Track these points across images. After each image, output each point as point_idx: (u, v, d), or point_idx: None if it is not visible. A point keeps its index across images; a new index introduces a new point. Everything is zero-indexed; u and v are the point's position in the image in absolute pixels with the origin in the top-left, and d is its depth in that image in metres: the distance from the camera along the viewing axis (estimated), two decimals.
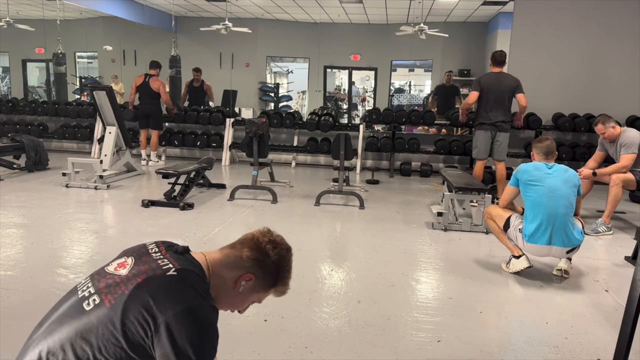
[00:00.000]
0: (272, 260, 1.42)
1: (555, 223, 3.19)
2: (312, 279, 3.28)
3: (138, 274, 1.27)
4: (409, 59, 14.22)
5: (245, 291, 1.42)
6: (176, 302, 1.20)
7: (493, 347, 2.45)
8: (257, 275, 1.41)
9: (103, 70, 13.73)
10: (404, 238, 4.29)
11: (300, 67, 15.36)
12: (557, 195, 3.21)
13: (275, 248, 1.43)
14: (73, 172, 5.92)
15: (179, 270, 1.28)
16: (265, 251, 1.41)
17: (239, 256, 1.41)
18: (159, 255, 1.35)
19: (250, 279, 1.40)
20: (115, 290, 1.23)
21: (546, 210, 3.20)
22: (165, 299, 1.21)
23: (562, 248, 3.24)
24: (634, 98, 7.22)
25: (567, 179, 3.28)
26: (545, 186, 3.25)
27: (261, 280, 1.43)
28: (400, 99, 14.58)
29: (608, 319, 2.80)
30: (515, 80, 5.53)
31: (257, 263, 1.40)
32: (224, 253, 1.44)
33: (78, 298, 1.27)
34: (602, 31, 7.30)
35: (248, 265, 1.40)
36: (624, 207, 5.49)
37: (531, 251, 3.34)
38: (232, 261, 1.41)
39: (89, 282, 1.32)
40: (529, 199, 3.29)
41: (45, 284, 3.07)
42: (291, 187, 6.29)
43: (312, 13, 12.35)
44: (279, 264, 1.44)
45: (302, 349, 2.36)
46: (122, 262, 1.34)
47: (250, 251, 1.41)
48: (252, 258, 1.40)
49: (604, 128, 4.70)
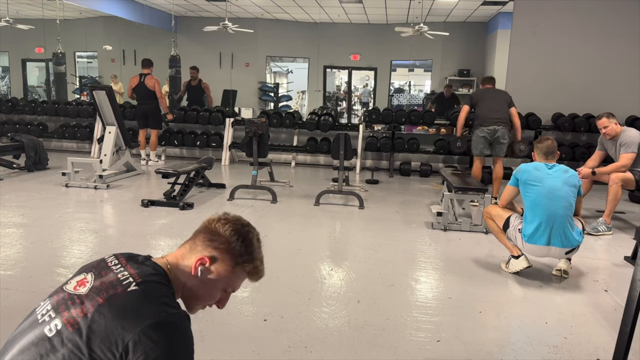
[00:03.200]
0: (224, 236, 1.32)
1: (555, 224, 3.19)
2: (311, 278, 3.28)
3: (99, 293, 1.20)
4: (408, 59, 14.22)
5: (205, 277, 1.32)
6: (141, 319, 1.14)
7: (492, 347, 2.45)
8: (212, 256, 1.32)
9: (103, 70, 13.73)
10: (404, 238, 4.29)
11: (300, 67, 15.36)
12: (557, 196, 3.21)
13: (226, 224, 1.34)
14: (73, 172, 5.92)
15: (140, 283, 1.21)
16: (214, 230, 1.33)
17: (192, 244, 1.34)
18: (119, 267, 1.27)
19: (205, 261, 1.31)
20: (77, 312, 1.17)
21: (545, 211, 3.20)
22: (129, 317, 1.15)
23: (561, 249, 3.24)
24: (634, 98, 7.22)
25: (567, 179, 3.28)
26: (545, 186, 3.24)
27: (219, 261, 1.32)
28: (400, 99, 14.58)
29: (607, 319, 2.80)
30: (507, 94, 5.74)
31: (209, 244, 1.32)
32: (181, 248, 1.37)
33: (38, 323, 1.20)
34: (601, 31, 7.30)
35: (201, 248, 1.32)
36: (624, 207, 5.49)
37: (530, 251, 3.33)
38: (187, 252, 1.34)
39: (48, 304, 1.24)
40: (529, 199, 3.29)
41: (44, 283, 3.07)
42: (291, 187, 6.29)
43: (312, 13, 12.35)
44: (234, 238, 1.32)
45: (301, 348, 2.36)
46: (82, 280, 1.25)
47: (202, 234, 1.34)
48: (204, 239, 1.33)
49: (607, 121, 4.70)
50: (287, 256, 3.77)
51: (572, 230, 3.22)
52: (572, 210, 3.26)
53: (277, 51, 14.43)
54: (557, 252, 3.27)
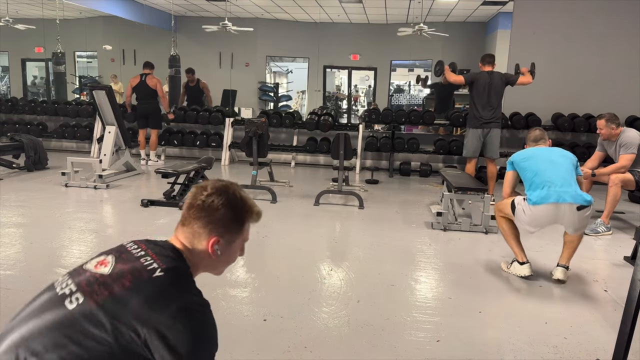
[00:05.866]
0: (222, 210, 1.34)
1: (562, 181, 3.15)
2: (311, 278, 3.28)
3: (122, 275, 1.22)
4: (408, 58, 14.23)
5: (224, 250, 1.37)
6: (168, 305, 1.18)
7: (492, 347, 2.45)
8: (221, 232, 1.35)
9: (102, 69, 13.74)
10: (404, 238, 4.29)
11: (300, 66, 15.37)
12: (557, 163, 3.24)
13: (213, 195, 1.35)
14: (72, 172, 5.91)
15: (165, 270, 1.24)
16: (207, 209, 1.34)
17: (191, 229, 1.35)
18: (140, 252, 1.30)
19: (218, 240, 1.34)
20: (101, 290, 1.19)
21: (550, 173, 3.18)
22: (157, 302, 1.18)
23: (572, 204, 3.09)
24: (634, 98, 7.22)
25: (564, 154, 3.33)
26: (542, 157, 3.28)
27: (229, 232, 1.36)
28: (399, 98, 14.58)
29: (607, 318, 2.80)
30: (503, 76, 5.65)
31: (212, 225, 1.34)
32: (181, 231, 1.37)
33: (57, 295, 1.22)
34: (601, 31, 7.30)
35: (207, 231, 1.34)
36: (623, 207, 5.49)
37: (539, 218, 3.19)
38: (193, 237, 1.35)
39: (68, 279, 1.26)
40: (530, 171, 3.26)
41: (44, 283, 3.02)
42: (290, 187, 6.29)
43: (312, 13, 12.35)
44: (231, 206, 1.35)
45: (301, 348, 2.36)
46: (102, 260, 1.28)
47: (197, 219, 1.34)
48: (204, 223, 1.34)
49: (604, 124, 4.70)
50: (286, 256, 3.77)
51: (581, 189, 3.20)
52: (575, 177, 3.24)
53: (277, 51, 14.44)
54: (568, 211, 3.11)
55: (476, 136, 5.64)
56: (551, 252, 3.76)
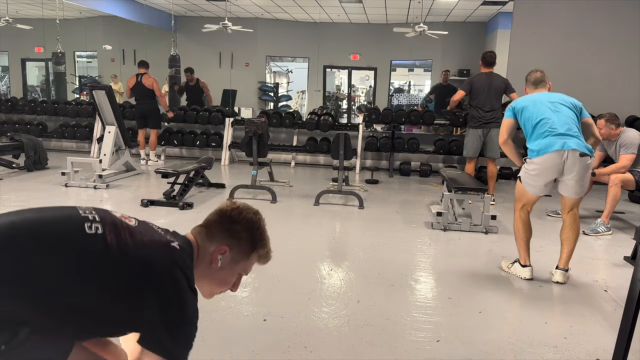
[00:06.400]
0: (241, 225, 1.41)
1: (565, 129, 3.10)
2: (311, 278, 3.28)
3: (145, 233, 1.28)
4: (408, 58, 14.22)
5: (225, 265, 1.41)
6: (170, 277, 1.23)
7: (492, 347, 2.45)
8: (231, 245, 1.40)
9: (102, 69, 13.74)
10: (403, 238, 4.29)
11: (300, 66, 15.37)
12: (559, 110, 3.17)
13: (241, 213, 1.42)
14: (72, 172, 5.91)
15: (181, 247, 1.31)
16: (231, 218, 1.41)
17: (208, 232, 1.41)
18: (162, 231, 1.37)
19: (225, 251, 1.39)
20: (121, 235, 1.22)
21: (551, 122, 3.13)
22: (164, 267, 1.23)
23: (575, 150, 3.06)
24: (634, 98, 7.22)
25: (564, 100, 3.26)
26: (543, 104, 3.20)
27: (237, 249, 1.41)
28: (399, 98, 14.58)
29: (607, 318, 2.80)
30: (504, 80, 5.70)
31: (227, 233, 1.40)
32: (195, 233, 1.44)
33: (79, 215, 1.23)
34: (601, 31, 7.30)
35: (220, 237, 1.39)
36: (623, 207, 5.49)
37: (544, 170, 3.14)
38: (204, 240, 1.40)
39: (93, 210, 1.28)
40: (531, 119, 3.19)
41: None
42: (290, 187, 6.28)
43: (312, 13, 12.35)
44: (250, 227, 1.42)
45: (301, 348, 2.36)
46: (127, 217, 1.33)
47: (218, 223, 1.41)
48: (222, 229, 1.40)
49: (604, 124, 4.70)
50: (286, 256, 3.77)
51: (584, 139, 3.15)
52: (578, 125, 3.18)
53: (277, 51, 14.43)
54: (571, 158, 3.07)
55: (476, 136, 5.65)
56: (551, 252, 3.76)
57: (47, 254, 1.11)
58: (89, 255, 1.15)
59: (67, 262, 1.12)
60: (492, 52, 5.89)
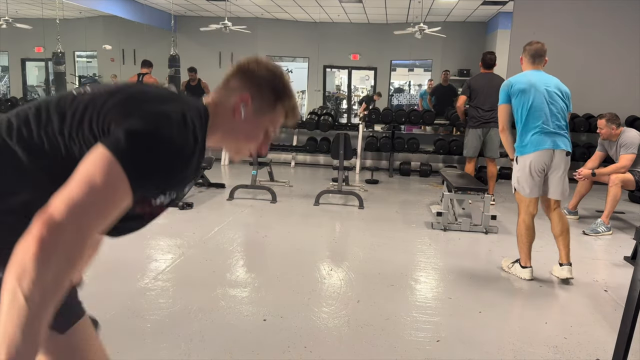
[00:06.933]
0: (261, 73, 1.30)
1: (556, 127, 3.15)
2: (311, 278, 3.28)
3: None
4: (408, 58, 14.22)
5: (249, 116, 1.29)
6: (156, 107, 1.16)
7: (492, 347, 2.45)
8: (253, 93, 1.28)
9: (102, 69, 13.73)
10: (403, 238, 4.29)
11: (300, 66, 15.36)
12: (554, 102, 3.21)
13: (261, 64, 1.31)
14: None
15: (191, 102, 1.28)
16: (250, 69, 1.30)
17: (226, 87, 1.32)
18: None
19: (247, 99, 1.27)
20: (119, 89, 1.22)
21: (544, 115, 3.16)
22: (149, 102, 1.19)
23: (562, 150, 3.17)
24: (634, 98, 7.22)
25: (560, 88, 3.29)
26: (542, 90, 3.21)
27: (260, 96, 1.29)
28: (399, 98, 14.58)
29: (607, 318, 2.80)
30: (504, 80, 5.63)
31: (247, 82, 1.29)
32: (214, 92, 1.35)
33: (72, 92, 1.22)
34: (601, 31, 7.30)
35: (240, 88, 1.29)
36: (623, 207, 5.49)
37: (536, 165, 3.17)
38: (222, 95, 1.31)
39: (87, 86, 1.26)
40: (528, 105, 3.20)
41: None
42: (290, 187, 6.28)
43: (312, 12, 12.34)
44: (271, 75, 1.31)
45: (301, 348, 2.36)
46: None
47: (237, 75, 1.31)
48: (240, 80, 1.30)
49: (605, 124, 4.70)
50: (286, 256, 3.77)
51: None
52: (567, 120, 3.24)
53: (277, 51, 14.42)
54: (558, 156, 3.18)
55: (476, 136, 5.65)
56: (551, 251, 3.75)
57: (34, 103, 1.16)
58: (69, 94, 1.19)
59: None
60: (492, 53, 5.86)
